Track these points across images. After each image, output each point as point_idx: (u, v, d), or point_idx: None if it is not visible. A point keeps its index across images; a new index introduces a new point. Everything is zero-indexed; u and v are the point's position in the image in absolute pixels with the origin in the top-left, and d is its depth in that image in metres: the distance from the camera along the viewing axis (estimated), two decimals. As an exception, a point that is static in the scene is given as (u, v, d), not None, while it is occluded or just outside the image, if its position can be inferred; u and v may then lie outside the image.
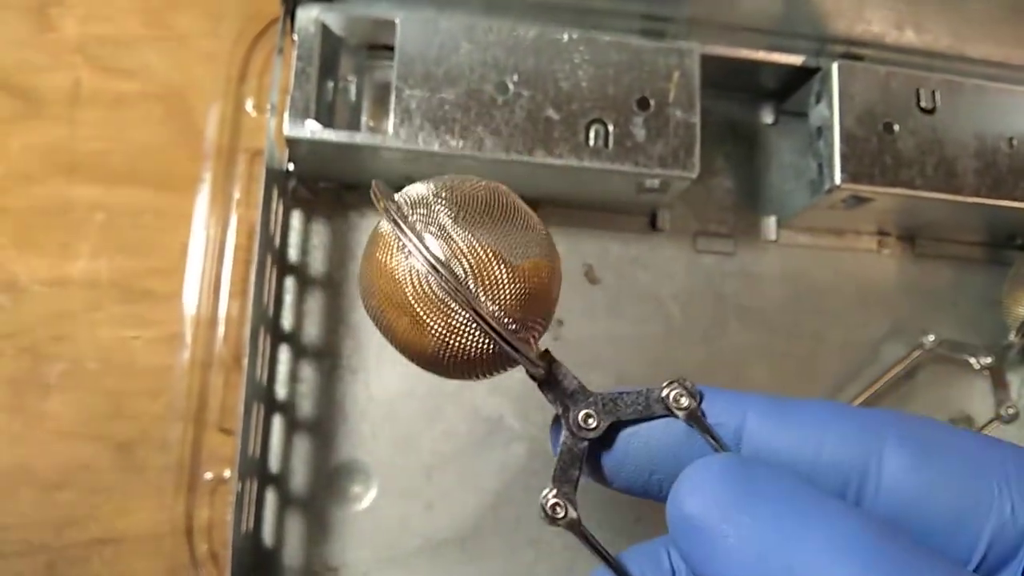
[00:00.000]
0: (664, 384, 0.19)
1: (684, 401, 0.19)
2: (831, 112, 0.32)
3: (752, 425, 0.19)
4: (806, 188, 0.35)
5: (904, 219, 0.36)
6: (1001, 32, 0.34)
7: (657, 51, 0.31)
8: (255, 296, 0.28)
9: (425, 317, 0.18)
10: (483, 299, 0.18)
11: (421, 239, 0.18)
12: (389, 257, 0.18)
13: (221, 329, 0.32)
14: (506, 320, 0.18)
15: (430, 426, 0.32)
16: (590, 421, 0.19)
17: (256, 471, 0.30)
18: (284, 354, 0.32)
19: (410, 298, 0.18)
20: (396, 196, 0.19)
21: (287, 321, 0.32)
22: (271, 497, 0.31)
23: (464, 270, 0.18)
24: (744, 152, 0.37)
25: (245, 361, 0.28)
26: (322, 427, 0.32)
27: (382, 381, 0.32)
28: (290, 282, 0.32)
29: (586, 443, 0.19)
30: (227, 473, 0.31)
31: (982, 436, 0.19)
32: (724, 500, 0.17)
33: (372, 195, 0.19)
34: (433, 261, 0.17)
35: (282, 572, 0.31)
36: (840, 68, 0.32)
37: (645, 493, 0.20)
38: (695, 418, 0.19)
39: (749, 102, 0.37)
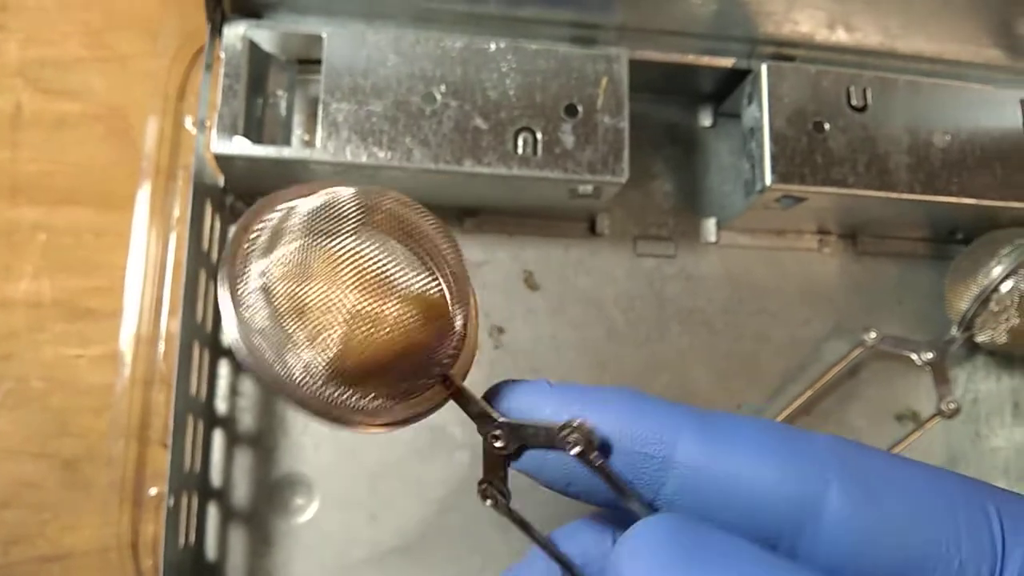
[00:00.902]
0: (561, 425, 0.18)
1: (577, 449, 0.18)
2: (761, 113, 0.32)
3: (683, 455, 0.18)
4: (741, 191, 0.35)
5: (843, 217, 0.36)
6: (933, 27, 0.34)
7: (585, 58, 0.32)
8: (186, 310, 0.29)
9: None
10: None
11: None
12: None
13: (162, 346, 0.32)
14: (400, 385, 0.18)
15: (372, 437, 0.32)
16: (498, 443, 0.19)
17: (196, 485, 0.30)
18: (224, 368, 0.32)
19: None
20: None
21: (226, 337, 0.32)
22: (213, 511, 0.31)
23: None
24: (683, 155, 0.37)
25: (175, 373, 0.28)
26: (263, 440, 0.32)
27: (323, 392, 0.32)
28: (229, 297, 0.33)
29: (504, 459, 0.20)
30: (171, 488, 0.31)
31: (933, 472, 0.18)
32: (668, 567, 0.16)
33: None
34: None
35: (226, 585, 0.31)
36: (769, 69, 0.33)
37: (568, 495, 0.20)
38: (588, 462, 0.18)
39: (687, 105, 0.37)
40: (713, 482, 0.18)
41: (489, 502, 0.20)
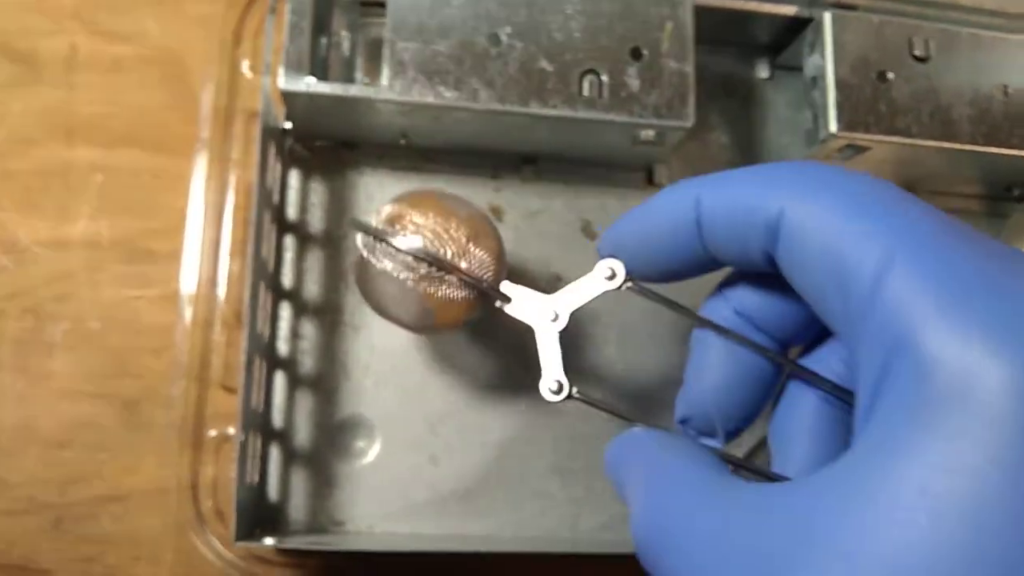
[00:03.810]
0: (598, 265, 0.24)
1: (617, 277, 0.24)
2: (824, 61, 0.32)
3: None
4: (802, 141, 0.35)
5: (901, 170, 0.36)
6: (995, -20, 0.34)
7: (649, 1, 0.31)
8: (254, 252, 0.28)
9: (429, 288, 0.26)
10: (460, 263, 0.26)
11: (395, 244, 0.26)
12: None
13: (222, 288, 0.32)
14: (478, 271, 0.26)
15: (434, 380, 0.32)
16: (559, 319, 0.25)
17: (259, 426, 0.30)
18: (285, 311, 0.32)
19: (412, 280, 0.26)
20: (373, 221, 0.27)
21: (287, 279, 0.32)
22: (275, 453, 0.31)
23: (445, 248, 0.26)
24: (739, 107, 0.37)
25: (246, 314, 0.28)
26: (325, 383, 0.32)
27: (385, 337, 0.32)
28: (289, 240, 0.33)
29: (558, 334, 0.25)
30: (231, 430, 0.31)
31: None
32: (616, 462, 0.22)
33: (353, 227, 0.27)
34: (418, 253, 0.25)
35: (287, 526, 0.31)
36: (833, 17, 0.32)
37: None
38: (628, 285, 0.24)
39: (744, 57, 0.37)
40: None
41: (563, 391, 0.24)
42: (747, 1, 0.34)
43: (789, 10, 0.34)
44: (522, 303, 0.25)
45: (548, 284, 0.34)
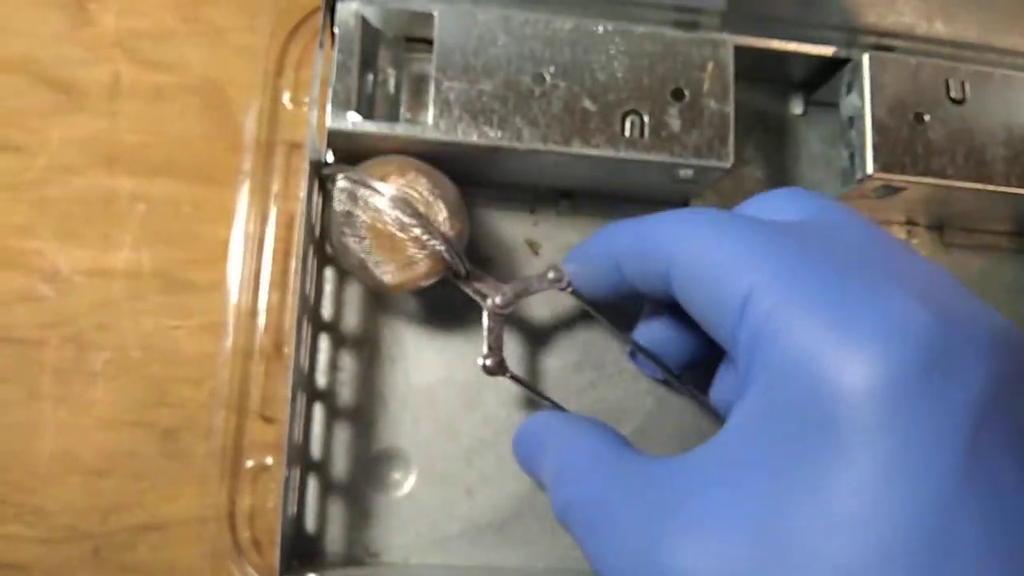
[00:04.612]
0: (546, 269, 0.30)
1: (561, 281, 0.29)
2: (863, 102, 0.33)
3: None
4: (836, 178, 0.35)
5: (933, 208, 0.36)
6: (1029, 22, 0.34)
7: (691, 42, 0.32)
8: (299, 286, 0.29)
9: (401, 234, 0.28)
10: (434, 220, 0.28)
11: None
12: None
13: (262, 319, 0.33)
14: (447, 233, 0.28)
15: (469, 412, 0.33)
16: (505, 301, 0.29)
17: (299, 458, 0.31)
18: (324, 343, 0.32)
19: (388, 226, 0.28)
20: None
21: (327, 311, 0.33)
22: (313, 484, 0.31)
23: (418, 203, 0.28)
24: (774, 142, 0.37)
25: (290, 350, 0.28)
26: (362, 415, 0.32)
27: (421, 369, 0.33)
28: (329, 272, 0.33)
29: (503, 318, 0.29)
30: (269, 460, 0.32)
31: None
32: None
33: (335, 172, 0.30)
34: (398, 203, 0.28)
35: (324, 557, 0.31)
36: (872, 59, 0.33)
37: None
38: (563, 289, 0.30)
39: (778, 93, 0.38)
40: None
41: (493, 366, 0.29)
42: (787, 42, 0.34)
43: (827, 51, 0.34)
44: (476, 283, 0.29)
45: (580, 316, 0.34)
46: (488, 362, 0.29)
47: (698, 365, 0.30)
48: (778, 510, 0.16)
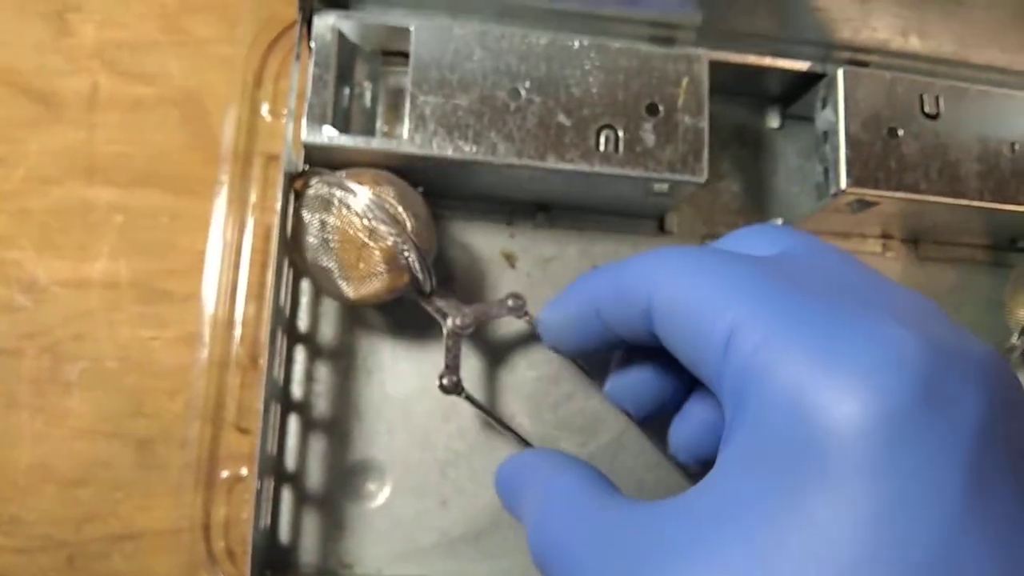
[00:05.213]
0: (507, 296, 0.31)
1: (520, 309, 0.31)
2: (836, 117, 0.33)
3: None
4: (812, 192, 0.35)
5: (908, 222, 0.36)
6: (1004, 39, 0.34)
7: (666, 57, 0.32)
8: (273, 297, 0.29)
9: (370, 243, 0.28)
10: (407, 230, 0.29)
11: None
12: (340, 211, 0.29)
13: (238, 330, 0.33)
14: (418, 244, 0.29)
15: (444, 424, 0.33)
16: (465, 323, 0.30)
17: (273, 469, 0.31)
18: (300, 354, 0.32)
19: (358, 232, 0.28)
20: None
21: (303, 322, 0.33)
22: (287, 495, 0.32)
23: (393, 215, 0.28)
24: (750, 156, 0.37)
25: (263, 361, 0.28)
26: (337, 426, 0.32)
27: (397, 381, 0.33)
28: (306, 284, 0.33)
29: (462, 338, 0.30)
30: (244, 471, 0.32)
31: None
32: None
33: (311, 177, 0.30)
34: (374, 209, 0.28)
35: (298, 568, 0.31)
36: (846, 74, 0.33)
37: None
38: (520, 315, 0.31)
39: (755, 106, 0.38)
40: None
41: (451, 386, 0.29)
42: (762, 56, 0.34)
43: (802, 66, 0.34)
44: (439, 301, 0.30)
45: (559, 330, 0.34)
46: (445, 381, 0.29)
47: (671, 414, 0.28)
48: (770, 562, 0.15)
